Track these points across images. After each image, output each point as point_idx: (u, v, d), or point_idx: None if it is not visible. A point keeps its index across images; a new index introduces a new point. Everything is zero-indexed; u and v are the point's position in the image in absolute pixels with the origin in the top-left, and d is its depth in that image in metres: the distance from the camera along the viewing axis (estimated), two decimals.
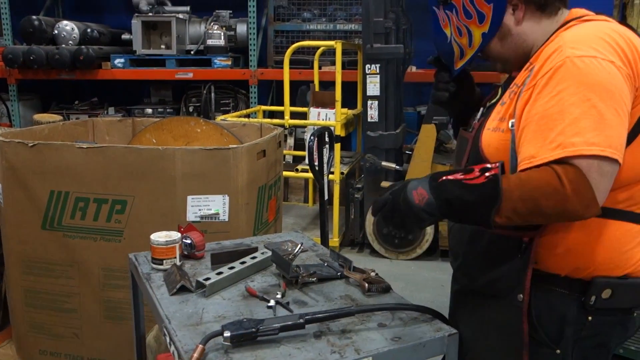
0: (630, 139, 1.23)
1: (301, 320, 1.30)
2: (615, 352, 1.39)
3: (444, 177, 1.27)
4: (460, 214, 1.29)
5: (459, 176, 1.26)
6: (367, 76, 4.44)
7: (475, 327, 1.42)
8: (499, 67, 1.49)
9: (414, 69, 5.65)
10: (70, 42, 5.80)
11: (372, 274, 1.60)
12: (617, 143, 1.17)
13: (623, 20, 5.29)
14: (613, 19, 1.34)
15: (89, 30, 5.84)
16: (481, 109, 1.54)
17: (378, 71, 4.40)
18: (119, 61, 5.83)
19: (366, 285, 1.54)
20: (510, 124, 1.29)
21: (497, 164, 1.23)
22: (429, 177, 1.30)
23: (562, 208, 1.17)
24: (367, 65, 4.42)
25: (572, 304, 1.30)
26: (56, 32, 5.81)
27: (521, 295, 1.31)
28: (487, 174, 1.22)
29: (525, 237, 1.30)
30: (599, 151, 1.15)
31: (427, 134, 4.37)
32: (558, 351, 1.32)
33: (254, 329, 1.25)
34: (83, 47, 5.65)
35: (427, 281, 4.06)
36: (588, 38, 1.24)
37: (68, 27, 5.80)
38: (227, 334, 1.24)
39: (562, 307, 1.31)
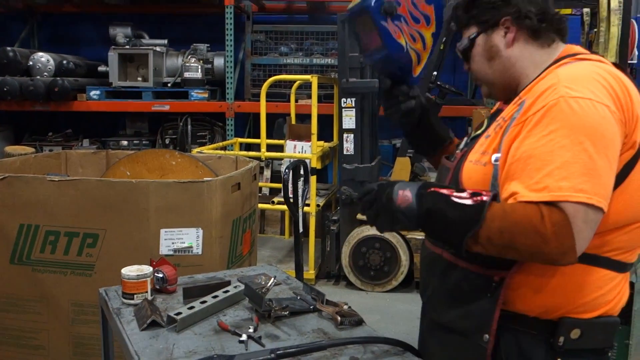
0: (614, 186, 1.20)
1: (272, 355, 1.29)
2: None
3: (434, 189, 1.26)
4: (436, 229, 1.28)
5: (448, 192, 1.25)
6: (343, 109, 4.49)
7: None
8: (485, 91, 1.49)
9: None
10: (46, 73, 5.78)
11: (345, 307, 1.60)
12: (604, 191, 1.16)
13: None
14: (607, 60, 1.33)
15: (64, 62, 5.84)
16: (465, 138, 1.53)
17: (354, 105, 4.45)
18: (94, 93, 5.81)
19: (339, 318, 1.54)
20: (493, 159, 1.27)
21: (490, 194, 1.22)
22: (420, 184, 1.29)
23: (538, 250, 1.16)
24: (343, 99, 4.48)
25: (540, 345, 1.28)
26: (31, 63, 5.79)
27: (487, 336, 1.28)
28: (476, 198, 1.21)
29: (496, 276, 1.28)
30: (586, 199, 1.13)
31: (402, 167, 4.42)
32: None
33: None
34: (58, 78, 5.64)
35: (402, 313, 4.05)
36: (584, 78, 1.22)
37: (43, 59, 5.79)
38: None
39: (530, 348, 1.28)
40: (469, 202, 1.21)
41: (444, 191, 1.25)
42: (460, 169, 1.37)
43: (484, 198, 1.21)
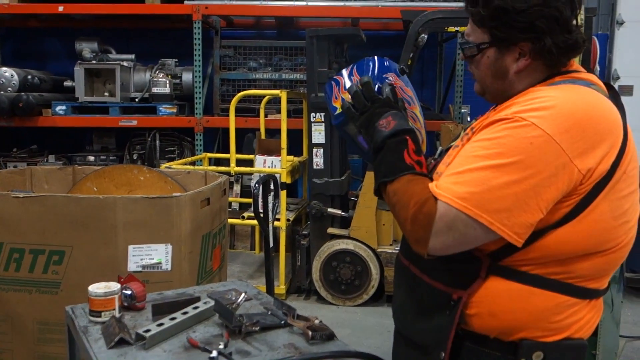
0: (571, 217, 1.19)
1: None
2: None
3: (409, 138, 1.33)
4: (377, 162, 1.36)
5: (411, 147, 1.31)
6: (313, 124, 4.52)
7: None
8: (478, 89, 1.43)
9: None
10: (9, 88, 5.67)
11: (316, 321, 1.60)
12: (492, 208, 1.14)
13: None
14: (597, 80, 1.30)
15: (29, 76, 5.73)
16: (440, 148, 1.55)
17: (323, 119, 4.48)
18: (60, 108, 5.72)
19: (310, 333, 1.53)
20: None
21: (423, 172, 1.30)
22: (408, 128, 1.35)
23: (401, 224, 1.26)
24: (312, 114, 4.51)
25: None
26: None
27: (443, 354, 1.29)
28: (413, 164, 1.29)
29: (455, 294, 1.28)
30: (463, 207, 1.16)
31: (372, 181, 4.44)
32: None
33: None
34: (22, 93, 5.53)
35: (374, 327, 4.05)
36: (550, 104, 1.18)
37: (7, 74, 5.68)
38: None
39: None
40: (407, 160, 1.30)
41: (411, 144, 1.32)
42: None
43: (418, 168, 1.29)
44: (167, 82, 5.80)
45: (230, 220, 4.00)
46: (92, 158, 6.03)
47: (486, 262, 1.26)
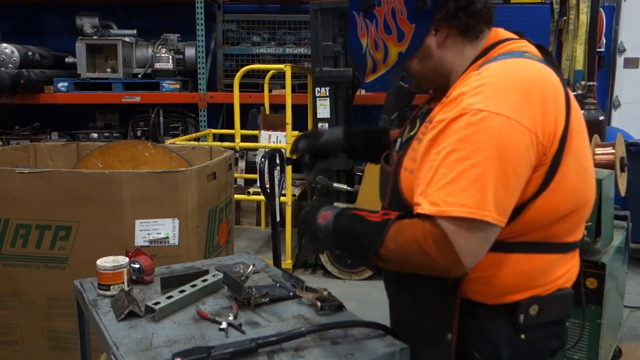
0: (545, 185, 1.22)
1: (253, 344, 1.28)
2: None
3: (354, 211, 1.33)
4: (349, 245, 1.33)
5: (364, 213, 1.30)
6: (317, 99, 4.48)
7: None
8: (414, 83, 1.46)
9: (363, 92, 5.73)
10: (10, 65, 5.63)
11: (325, 292, 1.60)
12: (492, 205, 1.14)
13: (560, 46, 5.53)
14: (532, 48, 1.33)
15: (30, 53, 5.69)
16: (399, 139, 1.50)
17: (328, 94, 4.44)
18: (62, 85, 5.69)
19: (318, 304, 1.54)
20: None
21: (397, 214, 1.25)
22: (345, 207, 1.36)
23: (428, 266, 1.19)
24: (317, 88, 4.47)
25: (503, 326, 1.31)
26: None
27: (450, 335, 1.31)
28: (384, 217, 1.25)
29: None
30: (469, 213, 1.12)
31: None
32: None
33: (205, 355, 1.23)
34: (24, 70, 5.49)
35: (380, 300, 4.03)
36: (497, 86, 1.19)
37: (7, 50, 5.63)
38: None
39: (494, 331, 1.31)
40: (377, 219, 1.26)
41: (362, 213, 1.31)
42: (398, 176, 1.37)
43: (391, 216, 1.25)
44: (170, 57, 5.75)
45: (235, 196, 4.00)
46: (95, 135, 6.01)
47: None
